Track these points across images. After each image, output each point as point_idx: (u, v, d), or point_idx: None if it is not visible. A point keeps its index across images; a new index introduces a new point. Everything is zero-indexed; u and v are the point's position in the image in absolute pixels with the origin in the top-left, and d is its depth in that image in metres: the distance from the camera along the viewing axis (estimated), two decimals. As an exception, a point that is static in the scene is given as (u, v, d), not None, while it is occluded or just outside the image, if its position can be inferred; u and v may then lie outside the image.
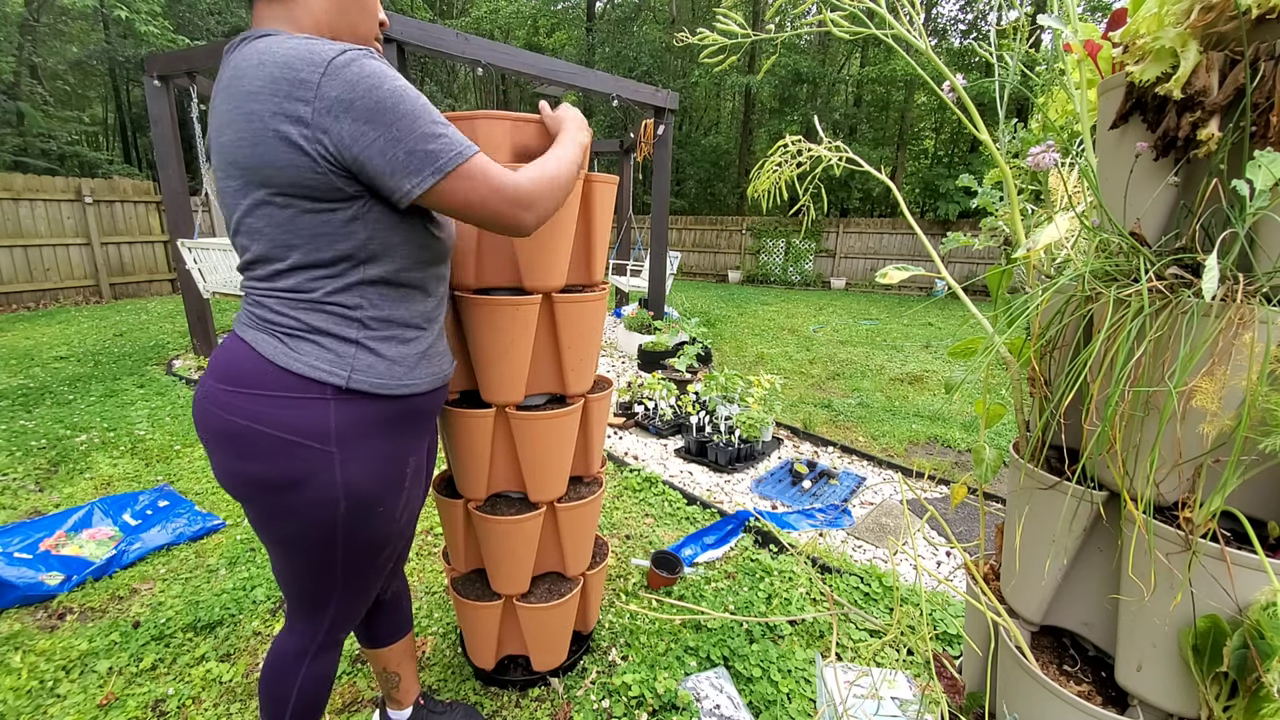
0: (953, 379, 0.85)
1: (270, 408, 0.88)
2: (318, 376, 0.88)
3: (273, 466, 0.90)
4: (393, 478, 1.00)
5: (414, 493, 1.07)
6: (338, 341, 0.90)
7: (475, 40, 3.91)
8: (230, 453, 0.91)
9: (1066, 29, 0.76)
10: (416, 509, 1.11)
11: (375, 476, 0.97)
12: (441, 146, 0.83)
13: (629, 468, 3.08)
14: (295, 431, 0.89)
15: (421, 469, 1.10)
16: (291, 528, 0.96)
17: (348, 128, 0.79)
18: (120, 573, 2.11)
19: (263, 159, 0.81)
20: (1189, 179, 0.67)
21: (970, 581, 0.90)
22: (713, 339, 6.40)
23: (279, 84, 0.78)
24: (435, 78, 18.88)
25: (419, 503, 1.12)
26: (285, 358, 0.88)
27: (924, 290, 11.75)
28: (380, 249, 0.90)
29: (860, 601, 2.03)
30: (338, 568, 1.01)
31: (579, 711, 1.54)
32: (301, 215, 0.84)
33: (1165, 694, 0.67)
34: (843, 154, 0.96)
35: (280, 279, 0.89)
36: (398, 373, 0.96)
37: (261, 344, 0.89)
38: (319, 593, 1.04)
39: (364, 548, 1.01)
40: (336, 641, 1.13)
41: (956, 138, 16.84)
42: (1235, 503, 0.63)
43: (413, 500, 1.08)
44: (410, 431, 1.03)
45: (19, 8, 11.45)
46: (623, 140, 7.34)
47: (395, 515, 1.03)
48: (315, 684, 1.11)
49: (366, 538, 1.00)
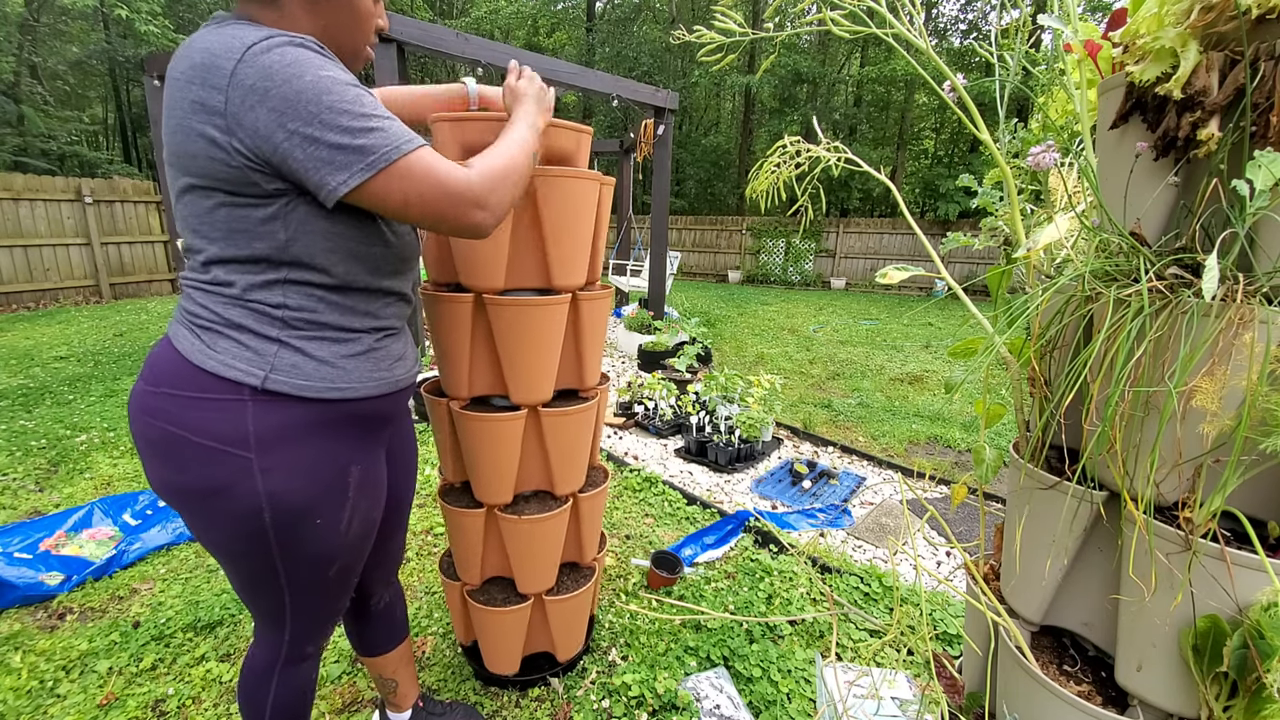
0: (953, 379, 0.85)
1: (186, 410, 0.82)
2: (233, 376, 0.81)
3: (191, 474, 0.84)
4: (329, 489, 0.91)
5: (363, 505, 0.98)
6: (258, 339, 0.83)
7: (475, 40, 3.91)
8: (153, 458, 0.85)
9: (1066, 29, 0.76)
10: (373, 521, 1.02)
11: (305, 487, 0.88)
12: (375, 141, 0.76)
13: (629, 468, 3.08)
14: (211, 436, 0.82)
15: (373, 480, 1.00)
16: (221, 539, 0.89)
17: (263, 119, 0.72)
18: (120, 573, 2.11)
19: (182, 147, 0.77)
20: (1189, 179, 0.67)
21: (970, 581, 0.90)
22: (713, 339, 6.40)
23: (197, 70, 0.74)
24: (435, 78, 18.87)
25: (375, 514, 1.03)
26: (201, 355, 0.82)
27: (924, 290, 11.75)
28: (305, 253, 0.82)
29: (860, 601, 2.03)
30: (281, 582, 0.94)
31: (579, 711, 1.54)
32: (220, 208, 0.79)
33: (1165, 694, 0.67)
34: (841, 154, 0.96)
35: (204, 270, 0.83)
36: (329, 374, 0.87)
37: (181, 340, 0.83)
38: (270, 607, 0.97)
39: (307, 563, 0.93)
40: (304, 655, 1.05)
41: (956, 138, 16.83)
42: (1235, 503, 0.63)
43: (363, 513, 0.98)
44: (352, 439, 0.94)
45: (19, 8, 11.44)
46: (623, 140, 7.34)
47: (339, 529, 0.94)
48: (291, 697, 1.06)
49: (306, 553, 0.92)
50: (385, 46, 3.53)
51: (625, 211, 7.58)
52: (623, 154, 7.37)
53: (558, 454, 1.42)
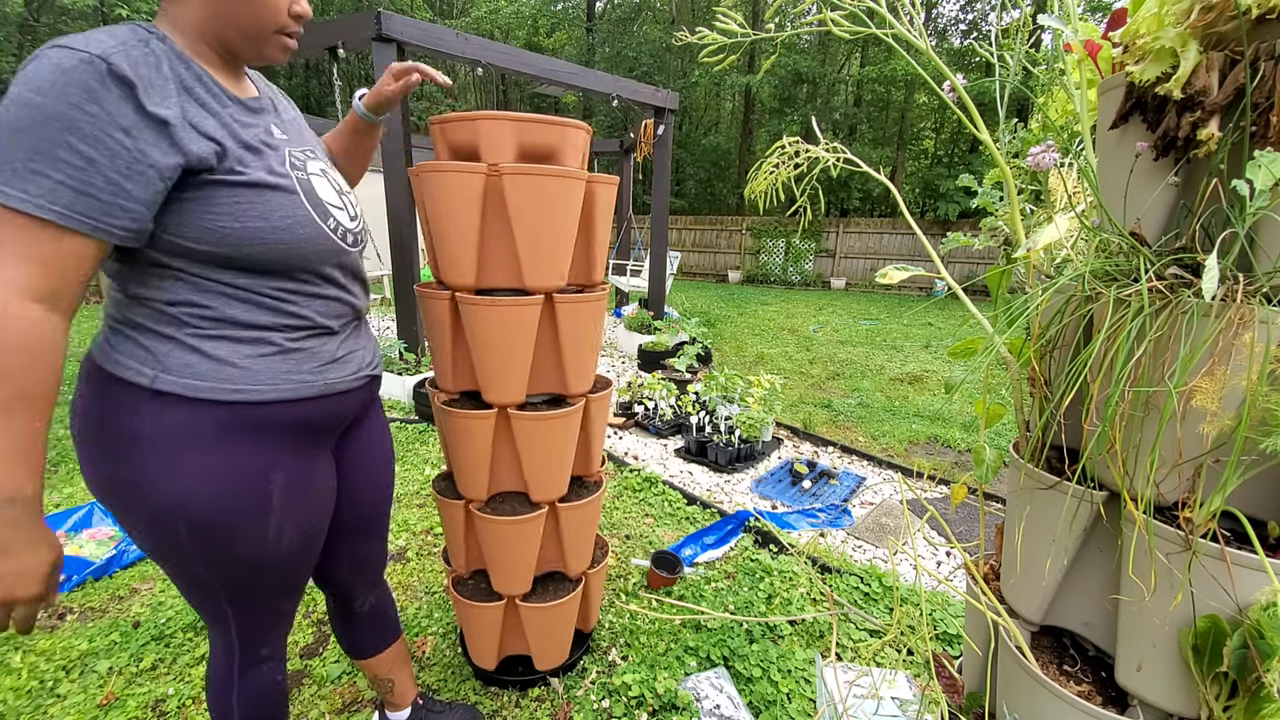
0: (953, 379, 0.85)
1: (97, 411, 0.80)
2: (127, 376, 0.79)
3: (103, 477, 0.82)
4: (246, 498, 0.86)
5: (293, 516, 0.92)
6: (154, 337, 0.80)
7: (475, 40, 3.92)
8: (79, 455, 0.84)
9: (1066, 29, 0.76)
10: (312, 531, 0.97)
11: (217, 494, 0.83)
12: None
13: (629, 468, 3.08)
14: (114, 436, 0.79)
15: (304, 489, 0.94)
16: (143, 543, 0.86)
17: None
18: (120, 572, 2.11)
19: None
20: (1189, 179, 0.67)
21: (970, 581, 0.90)
22: (713, 339, 6.40)
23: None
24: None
25: (313, 524, 0.97)
26: (103, 354, 0.81)
27: (924, 290, 11.75)
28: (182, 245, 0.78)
29: (860, 601, 2.03)
30: (215, 589, 0.90)
31: (579, 711, 1.54)
32: None
33: (1165, 694, 0.67)
34: (841, 154, 0.96)
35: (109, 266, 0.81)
36: (230, 375, 0.82)
37: (97, 340, 0.82)
38: (212, 611, 0.94)
39: (236, 571, 0.89)
40: (259, 658, 1.02)
41: (956, 138, 16.84)
42: (1235, 503, 0.63)
43: (294, 524, 0.93)
44: (270, 445, 0.87)
45: (19, 8, 11.45)
46: (623, 140, 7.35)
47: (264, 540, 0.89)
48: (256, 701, 1.03)
49: (233, 561, 0.88)
50: (385, 46, 3.53)
51: (625, 211, 7.58)
52: (623, 154, 7.37)
53: (531, 458, 1.39)
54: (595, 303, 1.40)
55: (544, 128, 1.23)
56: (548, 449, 1.41)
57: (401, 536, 2.37)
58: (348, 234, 0.94)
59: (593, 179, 1.31)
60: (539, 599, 1.53)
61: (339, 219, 0.92)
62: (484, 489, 1.42)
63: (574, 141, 1.29)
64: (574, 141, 1.29)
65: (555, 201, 1.23)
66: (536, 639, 1.55)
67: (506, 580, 1.49)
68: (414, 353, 4.14)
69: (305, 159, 0.91)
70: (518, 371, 1.32)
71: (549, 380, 1.41)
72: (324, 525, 1.01)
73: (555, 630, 1.57)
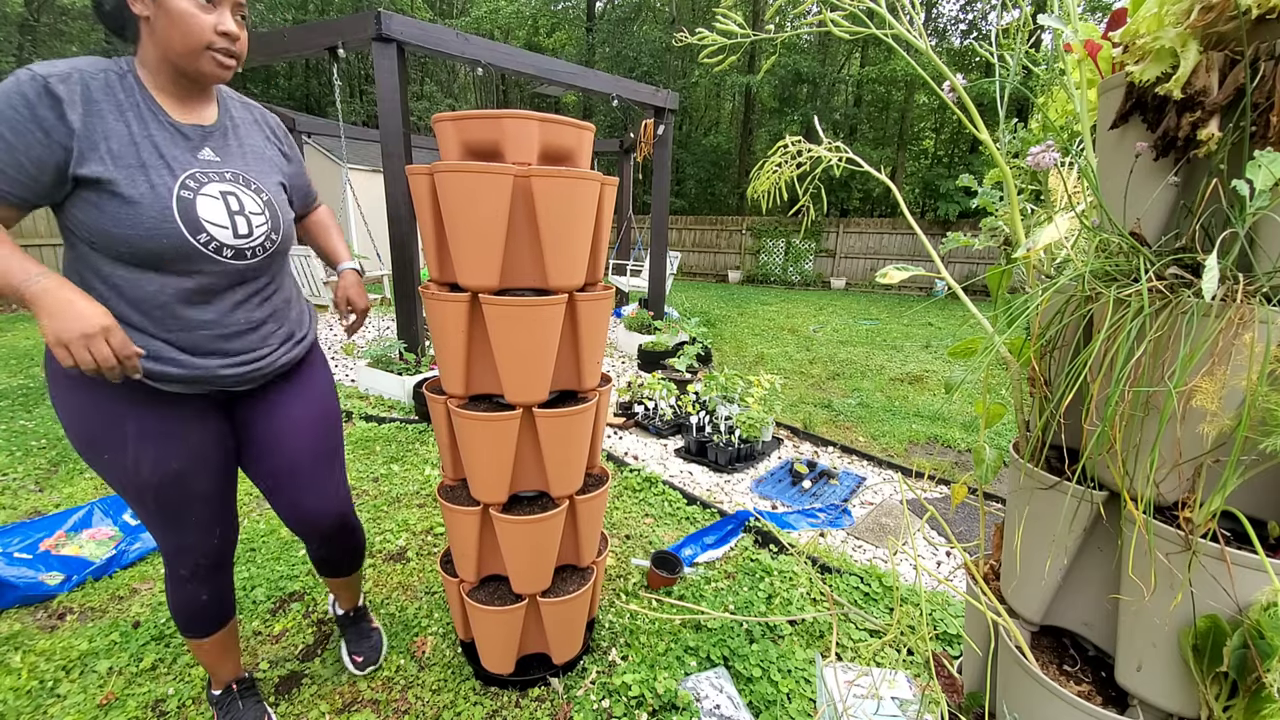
0: (953, 379, 0.85)
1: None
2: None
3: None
4: (104, 431, 1.09)
5: (149, 454, 1.11)
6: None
7: (475, 40, 3.92)
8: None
9: (1066, 29, 0.76)
10: (172, 468, 1.14)
11: (82, 423, 1.09)
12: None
13: (629, 468, 3.08)
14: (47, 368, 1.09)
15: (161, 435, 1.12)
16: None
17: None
18: (120, 572, 2.11)
19: None
20: (1189, 179, 0.67)
21: (970, 581, 0.90)
22: (713, 339, 6.40)
23: None
24: (435, 78, 18.89)
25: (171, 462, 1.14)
26: None
27: (924, 290, 11.76)
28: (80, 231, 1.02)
29: (860, 601, 2.03)
30: (126, 502, 1.16)
31: (579, 711, 1.54)
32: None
33: (1165, 694, 0.67)
34: (842, 154, 0.96)
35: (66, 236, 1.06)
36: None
37: None
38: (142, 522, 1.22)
39: (125, 491, 1.14)
40: (180, 578, 1.26)
41: (956, 138, 16.84)
42: (1235, 503, 0.63)
43: (151, 460, 1.11)
44: (125, 397, 1.08)
45: (19, 8, 11.45)
46: (623, 140, 7.35)
47: (127, 467, 1.11)
48: (180, 611, 1.31)
49: (113, 480, 1.13)
50: (385, 46, 3.53)
51: (625, 211, 7.58)
52: (623, 154, 7.37)
53: (553, 455, 1.41)
54: (608, 300, 1.44)
55: (565, 129, 1.25)
56: (568, 445, 1.42)
57: (401, 536, 2.37)
58: (224, 248, 1.09)
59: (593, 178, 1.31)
60: (556, 594, 1.55)
61: (215, 234, 1.07)
62: (505, 491, 1.42)
63: (587, 143, 1.32)
64: (587, 143, 1.32)
65: (577, 203, 1.25)
66: (557, 633, 1.57)
67: (529, 580, 1.49)
68: (414, 353, 4.14)
69: (206, 181, 1.07)
70: (543, 370, 1.33)
71: (563, 378, 1.43)
72: (194, 471, 1.18)
73: (574, 622, 1.60)
